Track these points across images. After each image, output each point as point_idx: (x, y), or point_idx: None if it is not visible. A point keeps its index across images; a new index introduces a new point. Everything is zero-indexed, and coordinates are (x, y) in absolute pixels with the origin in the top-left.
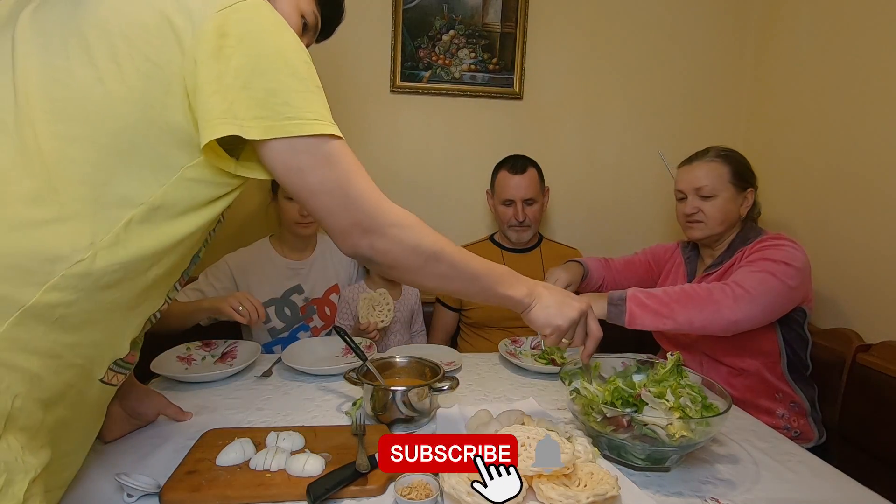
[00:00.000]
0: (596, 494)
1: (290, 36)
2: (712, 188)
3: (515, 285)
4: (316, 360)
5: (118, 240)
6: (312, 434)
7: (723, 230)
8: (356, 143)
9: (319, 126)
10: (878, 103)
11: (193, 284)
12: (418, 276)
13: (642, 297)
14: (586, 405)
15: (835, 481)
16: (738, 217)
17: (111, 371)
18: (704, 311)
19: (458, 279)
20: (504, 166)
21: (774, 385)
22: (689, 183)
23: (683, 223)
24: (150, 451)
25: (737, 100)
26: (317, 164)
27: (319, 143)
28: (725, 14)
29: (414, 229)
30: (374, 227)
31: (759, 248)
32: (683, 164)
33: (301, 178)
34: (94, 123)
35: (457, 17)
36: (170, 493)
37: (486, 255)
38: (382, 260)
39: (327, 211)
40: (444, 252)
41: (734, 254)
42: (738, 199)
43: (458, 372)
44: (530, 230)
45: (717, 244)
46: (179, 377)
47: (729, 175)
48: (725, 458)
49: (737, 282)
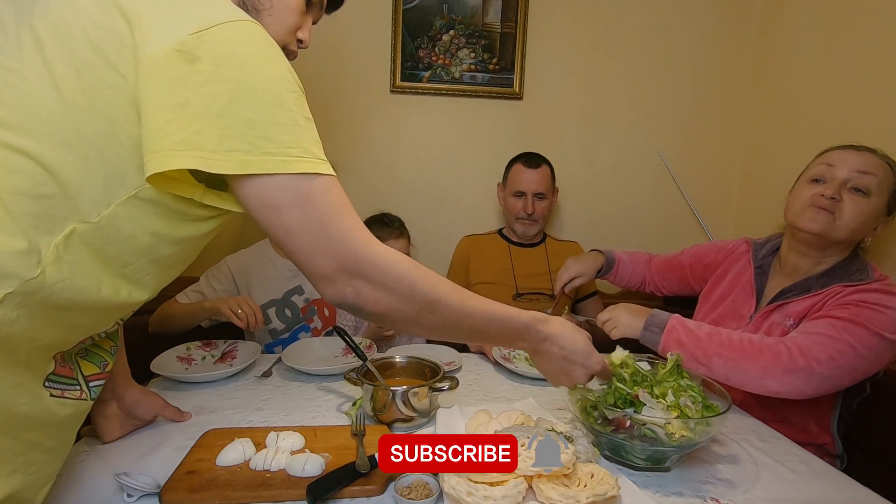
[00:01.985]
0: (596, 494)
1: (279, 63)
2: (876, 184)
3: (517, 341)
4: (316, 360)
5: (60, 257)
6: (312, 434)
7: (843, 239)
8: (356, 143)
9: (303, 164)
10: (878, 103)
11: (194, 286)
12: (412, 326)
13: (682, 334)
14: (586, 405)
15: (835, 481)
16: (864, 238)
17: (51, 388)
18: (746, 374)
19: (457, 331)
20: (519, 160)
21: (816, 435)
22: (851, 164)
23: (804, 206)
24: (150, 450)
25: (737, 99)
26: (295, 202)
27: (300, 182)
28: (725, 13)
29: (408, 274)
30: (362, 271)
31: (857, 300)
32: (842, 147)
33: (277, 216)
34: (45, 133)
35: (457, 17)
36: (170, 493)
37: (494, 248)
38: (372, 309)
39: (306, 253)
40: (442, 301)
41: (828, 285)
42: (882, 217)
43: (458, 372)
44: (537, 225)
45: (818, 258)
46: (179, 377)
47: (892, 186)
48: (725, 458)
49: (802, 346)
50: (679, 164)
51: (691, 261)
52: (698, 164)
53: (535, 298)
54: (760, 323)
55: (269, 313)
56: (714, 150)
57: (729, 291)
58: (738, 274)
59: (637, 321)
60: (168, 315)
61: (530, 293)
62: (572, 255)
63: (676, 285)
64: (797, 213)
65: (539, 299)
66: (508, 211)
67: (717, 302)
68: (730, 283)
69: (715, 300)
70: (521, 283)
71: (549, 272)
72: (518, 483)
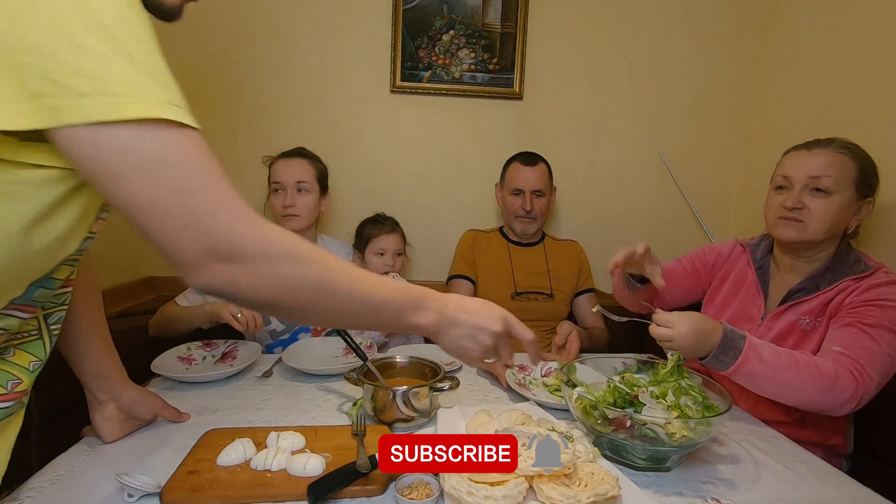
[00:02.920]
0: (597, 494)
1: None
2: (833, 182)
3: (423, 312)
4: (316, 360)
5: None
6: (313, 434)
7: (822, 240)
8: (356, 142)
9: (136, 106)
10: (877, 103)
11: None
12: (301, 314)
13: (755, 366)
14: (587, 405)
15: (835, 481)
16: (845, 230)
17: None
18: (810, 405)
19: (354, 314)
20: (517, 159)
21: (828, 434)
22: (803, 170)
23: (774, 218)
24: (151, 451)
25: (737, 100)
26: (139, 165)
27: (142, 133)
28: (726, 14)
29: (292, 255)
30: (236, 254)
31: (878, 301)
32: (796, 149)
33: (117, 185)
34: None
35: (457, 17)
36: (170, 493)
37: (494, 245)
38: (251, 296)
39: (163, 233)
40: (335, 284)
41: (836, 282)
42: (854, 206)
43: (459, 372)
44: (536, 223)
45: (809, 257)
46: (180, 377)
47: (855, 173)
48: (726, 458)
49: (863, 363)
50: (679, 165)
51: (696, 265)
52: (699, 164)
53: (534, 298)
54: (773, 323)
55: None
56: (714, 151)
57: (734, 294)
58: (739, 276)
59: (701, 348)
60: (167, 318)
61: (528, 292)
62: (572, 254)
63: (683, 294)
64: (771, 225)
65: (537, 299)
66: (507, 210)
67: (722, 304)
68: (733, 286)
69: (720, 303)
70: (520, 282)
71: (548, 271)
72: (519, 483)
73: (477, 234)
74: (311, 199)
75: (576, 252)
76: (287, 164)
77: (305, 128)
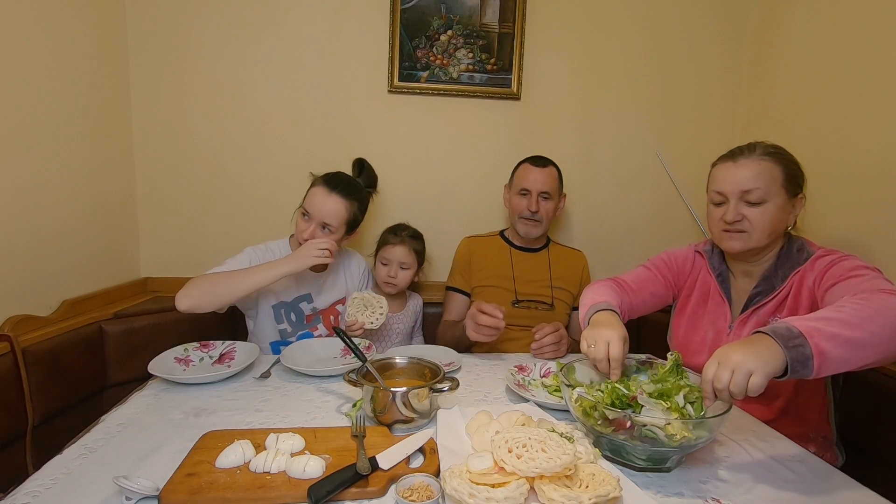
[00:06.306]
0: (598, 495)
1: None
2: (764, 192)
3: None
4: (315, 361)
5: None
6: (312, 436)
7: (767, 243)
8: (354, 142)
9: None
10: (875, 103)
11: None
12: None
13: (827, 347)
14: (587, 406)
15: (835, 481)
16: (786, 228)
17: None
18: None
19: None
20: (527, 160)
21: (815, 426)
22: (734, 184)
23: (719, 232)
24: (149, 453)
25: (734, 100)
26: None
27: None
28: (723, 14)
29: None
30: None
31: (834, 267)
32: (723, 161)
33: None
34: None
35: (454, 18)
36: (169, 495)
37: (495, 250)
38: None
39: None
40: None
41: (788, 277)
42: (788, 206)
43: (458, 373)
44: (540, 226)
45: (758, 260)
46: (177, 378)
47: (782, 177)
48: (726, 458)
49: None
50: (677, 165)
51: (664, 272)
52: (696, 164)
53: (534, 306)
54: (741, 330)
55: (280, 313)
56: (712, 151)
57: (702, 302)
58: (703, 283)
59: (767, 371)
60: (217, 281)
61: (529, 300)
62: (576, 265)
63: (654, 303)
64: (717, 238)
65: (538, 307)
66: (512, 210)
67: (693, 316)
68: (700, 294)
69: (690, 313)
70: (521, 289)
71: (550, 280)
72: (520, 484)
73: (474, 242)
74: (333, 238)
75: (580, 264)
76: (324, 198)
77: (304, 128)
